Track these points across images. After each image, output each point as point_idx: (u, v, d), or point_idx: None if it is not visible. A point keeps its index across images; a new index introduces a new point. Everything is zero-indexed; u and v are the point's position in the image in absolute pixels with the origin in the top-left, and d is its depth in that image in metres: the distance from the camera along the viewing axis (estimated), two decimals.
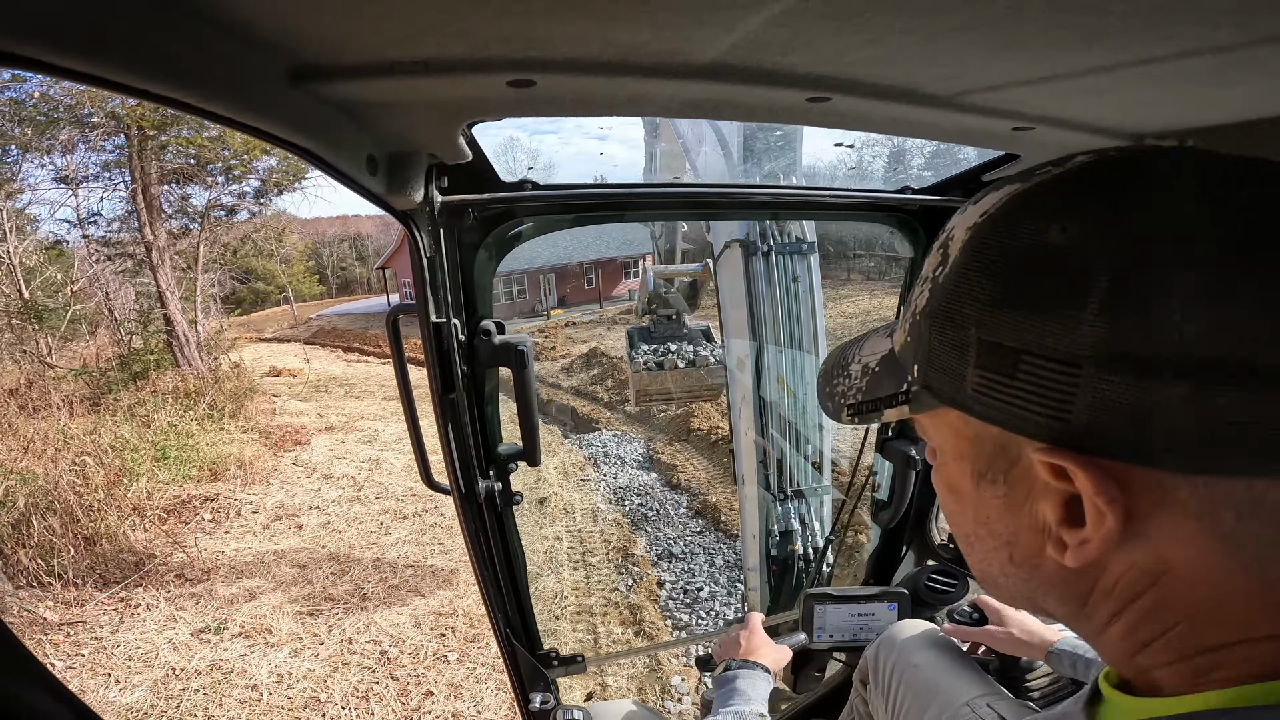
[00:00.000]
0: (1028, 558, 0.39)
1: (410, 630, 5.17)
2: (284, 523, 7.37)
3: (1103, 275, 0.31)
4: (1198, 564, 0.33)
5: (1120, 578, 0.35)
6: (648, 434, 11.04)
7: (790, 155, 3.20)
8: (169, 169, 11.64)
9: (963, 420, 0.39)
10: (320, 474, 8.94)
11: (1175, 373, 0.29)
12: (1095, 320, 0.30)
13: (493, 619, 1.30)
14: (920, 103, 0.72)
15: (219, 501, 7.70)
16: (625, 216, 1.18)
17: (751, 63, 0.64)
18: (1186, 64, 0.60)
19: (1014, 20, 0.52)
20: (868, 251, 24.28)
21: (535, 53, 0.60)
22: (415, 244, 0.91)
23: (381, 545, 6.78)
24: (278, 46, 0.54)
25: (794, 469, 2.99)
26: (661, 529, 7.31)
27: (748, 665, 1.14)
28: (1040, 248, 0.33)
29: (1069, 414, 0.32)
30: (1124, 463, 0.32)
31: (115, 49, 0.41)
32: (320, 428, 11.29)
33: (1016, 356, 0.33)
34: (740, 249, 2.81)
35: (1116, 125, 0.90)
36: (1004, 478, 0.38)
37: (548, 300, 25.47)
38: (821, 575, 2.47)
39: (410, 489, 8.32)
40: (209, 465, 8.50)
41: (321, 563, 6.39)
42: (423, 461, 1.16)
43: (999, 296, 0.34)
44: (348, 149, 0.69)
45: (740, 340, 2.95)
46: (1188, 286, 0.29)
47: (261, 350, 20.04)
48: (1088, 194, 0.33)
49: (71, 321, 11.23)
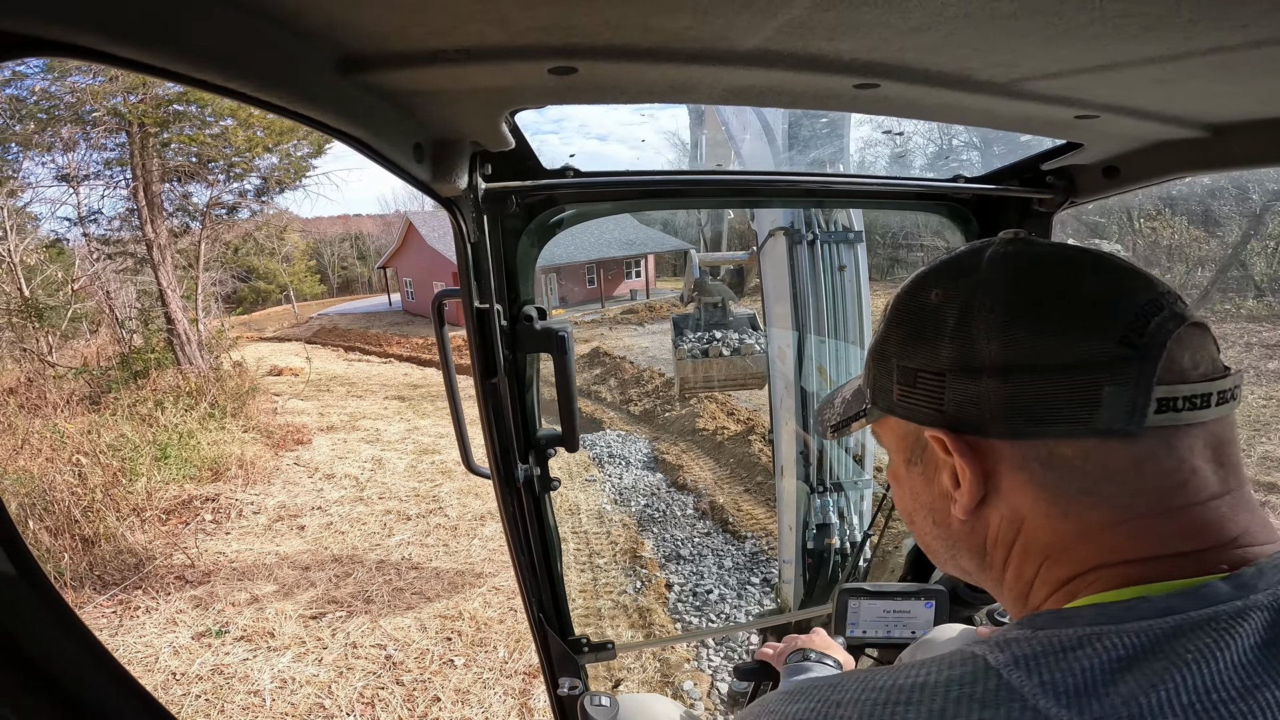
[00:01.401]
0: (943, 518, 0.56)
1: (416, 634, 5.21)
2: (286, 524, 7.43)
3: (951, 319, 0.50)
4: (1036, 510, 0.49)
5: (998, 529, 0.52)
6: (652, 434, 11.11)
7: (837, 142, 3.22)
8: (171, 167, 11.78)
9: (896, 422, 0.58)
10: (322, 474, 9.03)
11: (989, 374, 0.48)
12: (949, 346, 0.50)
13: (526, 603, 1.35)
14: (974, 89, 0.73)
15: (220, 502, 7.79)
16: (668, 204, 1.21)
17: (797, 48, 0.65)
18: (1261, 53, 0.60)
19: (1072, 8, 0.53)
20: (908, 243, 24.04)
21: (576, 40, 0.61)
22: (459, 230, 0.94)
23: (385, 547, 6.84)
24: (326, 37, 0.57)
25: (834, 462, 3.04)
26: (669, 530, 7.43)
27: (825, 658, 1.14)
28: (927, 305, 0.53)
29: (943, 406, 0.51)
30: (973, 435, 0.50)
31: (171, 40, 0.44)
32: (322, 427, 11.43)
33: (915, 374, 0.53)
34: (785, 237, 2.86)
35: (1188, 114, 0.89)
36: (921, 459, 0.56)
37: (549, 299, 25.57)
38: (858, 570, 2.48)
39: (414, 489, 8.37)
40: (210, 465, 8.59)
41: (324, 564, 6.42)
42: (463, 445, 1.22)
43: (906, 336, 0.54)
44: (395, 137, 0.72)
45: (784, 329, 3.01)
46: (991, 324, 0.48)
47: (263, 349, 20.31)
48: (949, 272, 0.54)
49: (72, 320, 11.41)
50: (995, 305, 0.49)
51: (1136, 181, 1.18)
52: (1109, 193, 1.24)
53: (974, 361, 0.48)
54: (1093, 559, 0.47)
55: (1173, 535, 0.45)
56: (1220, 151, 0.98)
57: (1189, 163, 1.05)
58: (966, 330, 0.49)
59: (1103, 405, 0.45)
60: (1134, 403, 0.44)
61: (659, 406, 12.14)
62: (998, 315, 0.48)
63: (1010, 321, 0.48)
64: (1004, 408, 0.47)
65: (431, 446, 10.24)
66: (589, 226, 20.83)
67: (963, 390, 0.49)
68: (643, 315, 22.73)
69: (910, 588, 1.45)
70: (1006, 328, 0.48)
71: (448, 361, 1.14)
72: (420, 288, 28.96)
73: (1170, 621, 0.40)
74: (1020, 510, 0.50)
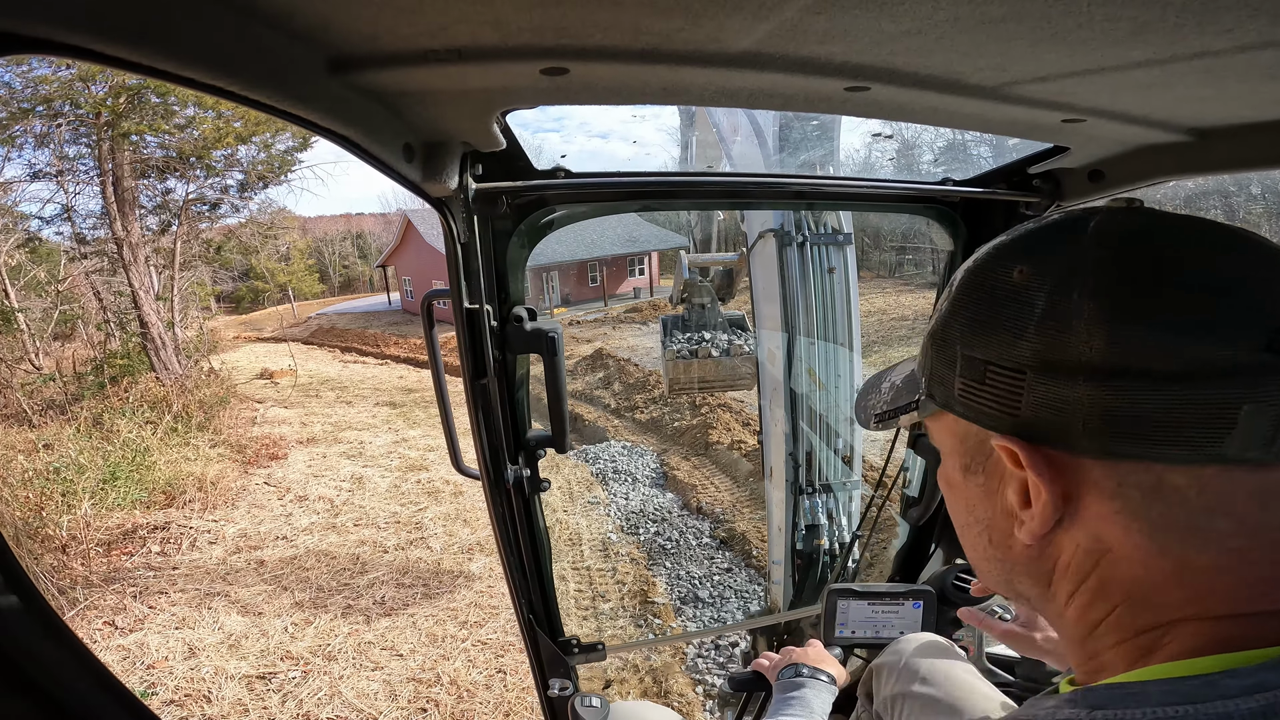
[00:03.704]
0: (1002, 539, 0.49)
1: (384, 702, 4.38)
2: (243, 556, 6.58)
3: (1039, 305, 0.42)
4: (1125, 543, 0.41)
5: (1072, 558, 0.44)
6: (660, 445, 10.32)
7: (827, 145, 3.27)
8: (148, 161, 11.46)
9: (953, 420, 0.50)
10: (294, 495, 8.22)
11: (1085, 376, 0.39)
12: (1033, 337, 0.42)
13: (516, 604, 1.37)
14: (964, 93, 0.74)
15: (171, 531, 6.94)
16: (659, 205, 1.23)
17: (788, 51, 0.66)
18: (1246, 58, 0.62)
19: (1059, 12, 0.54)
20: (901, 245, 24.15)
21: (568, 41, 0.62)
22: (449, 230, 0.95)
23: (354, 588, 5.89)
24: (317, 37, 0.57)
25: (823, 463, 3.08)
26: (683, 565, 6.49)
27: (818, 673, 1.14)
28: (1005, 284, 0.45)
29: (1018, 410, 0.43)
30: (1054, 449, 0.42)
31: (163, 39, 0.44)
32: (302, 439, 10.76)
33: (984, 367, 0.45)
34: (775, 239, 2.90)
35: (1172, 119, 0.91)
36: (982, 468, 0.49)
37: (551, 298, 25.47)
38: (847, 571, 2.52)
39: (395, 514, 7.57)
40: (164, 487, 7.77)
41: (281, 610, 5.53)
42: (453, 446, 1.22)
43: (975, 321, 0.46)
44: (385, 137, 0.72)
45: (773, 331, 3.05)
46: (1093, 314, 0.39)
47: (258, 350, 19.91)
48: (1039, 244, 0.45)
49: (60, 322, 11.11)
50: (1100, 290, 0.40)
51: (1121, 185, 1.21)
52: (1094, 196, 1.27)
53: (1065, 359, 0.40)
54: (1184, 608, 0.40)
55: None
56: (1204, 155, 1.01)
57: (1173, 166, 1.08)
58: (1058, 319, 0.40)
59: (1237, 428, 0.36)
60: (1278, 427, 0.36)
61: (667, 414, 11.35)
62: (1103, 303, 0.39)
63: (1119, 312, 0.39)
64: (1100, 420, 0.39)
65: (419, 462, 9.49)
66: (591, 223, 20.80)
67: (1046, 393, 0.41)
68: (646, 314, 22.25)
69: (898, 588, 1.47)
70: (1114, 320, 0.39)
71: (437, 362, 1.15)
72: (419, 286, 28.70)
73: (1258, 703, 0.34)
74: (1105, 541, 0.42)
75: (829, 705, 1.11)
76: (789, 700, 1.09)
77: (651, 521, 7.57)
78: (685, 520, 7.61)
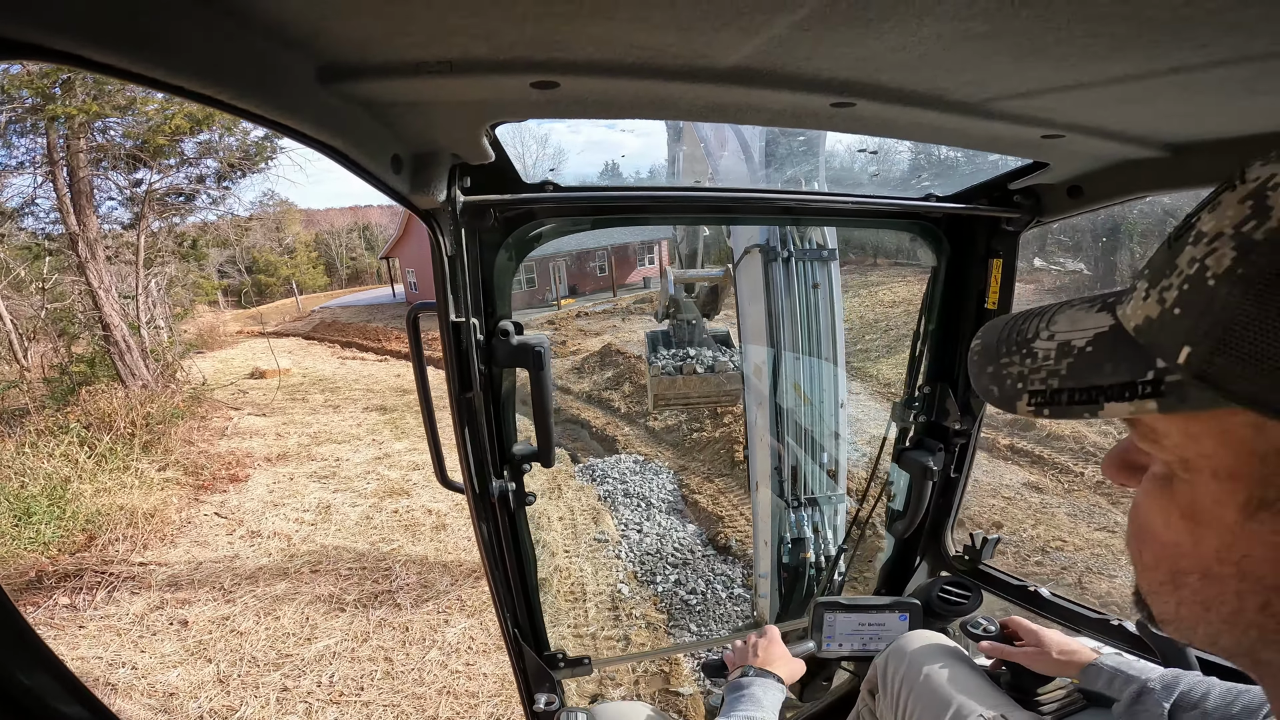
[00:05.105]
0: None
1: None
2: (165, 614, 5.23)
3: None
4: None
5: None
6: (678, 460, 8.86)
7: (813, 161, 3.34)
8: (111, 151, 10.76)
9: (1256, 428, 0.31)
10: (246, 530, 6.87)
11: None
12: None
13: (501, 618, 1.37)
14: (947, 109, 0.76)
15: (85, 579, 5.64)
16: (646, 220, 1.25)
17: (775, 67, 0.68)
18: (1220, 73, 0.64)
19: (1041, 29, 0.56)
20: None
21: (559, 55, 0.63)
22: (437, 243, 0.96)
23: (297, 661, 4.51)
24: (307, 46, 0.58)
25: (809, 476, 3.12)
26: (712, 627, 5.08)
27: (764, 674, 1.17)
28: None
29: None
30: None
31: (151, 46, 0.44)
32: (271, 456, 9.29)
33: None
34: (760, 254, 2.94)
35: (1149, 134, 0.94)
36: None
37: (558, 289, 25.03)
38: (833, 584, 2.54)
39: (361, 556, 6.16)
40: (85, 524, 6.46)
41: (202, 685, 4.33)
42: (438, 460, 1.22)
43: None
44: (373, 148, 0.72)
45: (758, 346, 3.09)
46: None
47: (258, 347, 19.16)
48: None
49: (33, 322, 10.49)
50: None
51: (1099, 201, 1.24)
52: (1073, 212, 1.31)
53: None
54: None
55: None
56: (1180, 171, 1.04)
57: (1149, 182, 1.12)
58: None
59: None
60: None
61: (685, 422, 9.81)
62: None
63: None
64: None
65: (399, 485, 8.06)
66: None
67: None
68: (657, 304, 22.02)
69: (884, 601, 1.50)
70: None
71: (423, 374, 1.15)
72: (422, 278, 28.32)
73: None
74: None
75: (779, 701, 1.14)
76: (739, 698, 1.13)
77: (670, 565, 6.23)
78: (712, 564, 6.20)
